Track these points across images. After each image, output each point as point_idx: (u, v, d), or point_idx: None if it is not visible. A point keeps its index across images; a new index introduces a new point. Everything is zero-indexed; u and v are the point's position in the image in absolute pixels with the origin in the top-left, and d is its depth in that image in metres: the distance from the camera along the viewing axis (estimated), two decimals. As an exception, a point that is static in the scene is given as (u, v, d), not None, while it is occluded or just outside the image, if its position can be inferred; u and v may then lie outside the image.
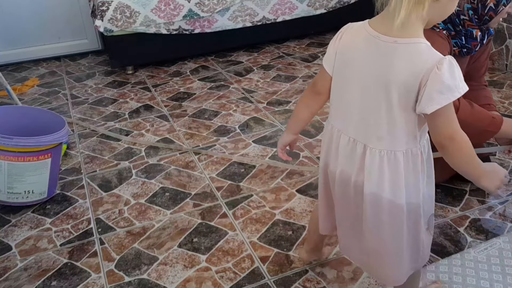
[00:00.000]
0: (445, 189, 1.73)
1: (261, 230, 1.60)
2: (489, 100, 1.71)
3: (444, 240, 1.50)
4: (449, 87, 0.85)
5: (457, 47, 1.50)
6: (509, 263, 1.35)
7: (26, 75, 3.28)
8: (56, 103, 2.77)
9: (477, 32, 1.48)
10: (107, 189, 1.89)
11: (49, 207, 1.80)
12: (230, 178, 1.90)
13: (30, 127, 1.84)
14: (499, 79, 2.67)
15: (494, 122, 1.48)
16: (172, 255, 1.51)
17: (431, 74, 0.84)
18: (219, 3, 3.09)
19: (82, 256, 1.53)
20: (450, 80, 0.84)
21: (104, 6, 2.90)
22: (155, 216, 1.71)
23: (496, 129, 1.48)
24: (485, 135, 1.51)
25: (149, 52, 3.15)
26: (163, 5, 2.99)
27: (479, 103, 1.67)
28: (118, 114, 2.57)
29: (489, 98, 1.71)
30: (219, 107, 2.55)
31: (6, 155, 1.67)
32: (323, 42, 3.53)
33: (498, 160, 1.89)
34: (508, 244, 1.42)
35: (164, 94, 2.79)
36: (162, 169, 2.00)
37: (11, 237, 1.64)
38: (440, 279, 1.31)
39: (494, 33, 2.78)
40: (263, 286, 1.37)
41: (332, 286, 1.35)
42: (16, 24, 3.41)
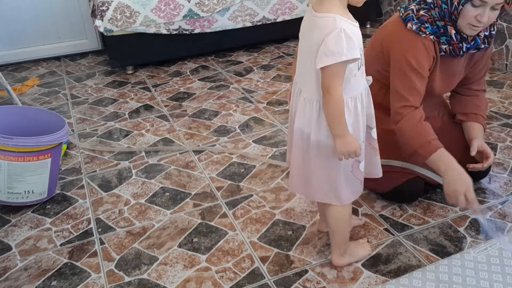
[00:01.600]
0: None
1: (261, 230, 1.60)
2: (478, 109, 1.64)
3: (444, 240, 1.50)
4: (332, 52, 1.08)
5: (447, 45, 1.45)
6: (509, 263, 1.35)
7: (26, 75, 3.28)
8: (56, 103, 2.77)
9: (451, 30, 1.42)
10: (107, 189, 1.89)
11: (49, 207, 1.80)
12: (230, 178, 1.90)
13: (30, 127, 1.84)
14: (499, 79, 2.67)
15: (427, 148, 1.42)
16: (172, 255, 1.51)
17: (323, 40, 1.10)
18: (219, 3, 3.09)
19: (82, 256, 1.53)
20: (333, 47, 1.08)
21: (104, 6, 2.90)
22: (155, 216, 1.71)
23: (426, 155, 1.42)
24: (415, 156, 1.47)
25: (149, 52, 3.15)
26: (163, 5, 2.99)
27: (465, 111, 1.65)
28: (118, 114, 2.57)
29: (478, 107, 1.65)
30: (219, 107, 2.55)
31: (6, 155, 1.67)
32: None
33: (499, 159, 1.89)
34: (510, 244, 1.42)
35: (164, 94, 2.79)
36: (162, 169, 2.00)
37: (11, 237, 1.64)
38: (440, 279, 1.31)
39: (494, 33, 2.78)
40: (263, 286, 1.37)
41: (332, 286, 1.35)
42: (16, 24, 3.41)
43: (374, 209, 1.66)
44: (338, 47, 1.08)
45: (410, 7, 1.48)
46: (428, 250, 1.47)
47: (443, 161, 1.42)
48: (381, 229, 1.57)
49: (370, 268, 1.41)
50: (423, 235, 1.53)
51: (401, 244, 1.50)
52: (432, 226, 1.57)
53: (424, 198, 1.69)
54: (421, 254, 1.45)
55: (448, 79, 1.57)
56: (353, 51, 1.09)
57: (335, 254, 1.40)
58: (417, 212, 1.63)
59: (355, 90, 1.20)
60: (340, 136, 1.17)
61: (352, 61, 1.11)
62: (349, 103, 1.19)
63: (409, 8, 1.48)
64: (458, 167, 1.40)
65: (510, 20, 2.67)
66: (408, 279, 1.32)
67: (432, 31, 1.43)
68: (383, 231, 1.56)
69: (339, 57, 1.08)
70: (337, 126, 1.17)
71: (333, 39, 1.08)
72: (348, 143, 1.18)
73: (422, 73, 1.45)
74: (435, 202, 1.67)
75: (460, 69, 1.56)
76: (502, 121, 2.20)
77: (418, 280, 1.31)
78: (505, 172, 1.81)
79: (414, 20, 1.44)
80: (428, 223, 1.58)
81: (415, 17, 1.44)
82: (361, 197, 1.72)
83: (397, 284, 1.31)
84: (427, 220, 1.59)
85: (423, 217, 1.61)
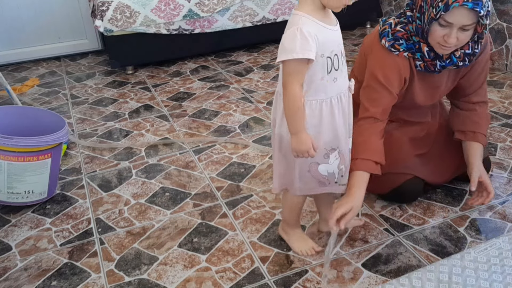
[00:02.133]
0: (445, 189, 1.73)
1: (261, 230, 1.60)
2: (477, 126, 1.57)
3: (444, 240, 1.50)
4: (285, 48, 1.12)
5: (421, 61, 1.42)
6: (509, 263, 1.35)
7: (26, 75, 3.28)
8: (56, 103, 2.77)
9: (424, 47, 1.38)
10: (107, 189, 1.89)
11: (49, 207, 1.80)
12: (230, 178, 1.90)
13: (30, 127, 1.84)
14: (499, 79, 2.67)
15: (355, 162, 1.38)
16: (172, 255, 1.51)
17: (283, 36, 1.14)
18: (219, 3, 3.09)
19: (82, 256, 1.53)
20: (287, 44, 1.12)
21: (104, 6, 2.90)
22: (155, 216, 1.71)
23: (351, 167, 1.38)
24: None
25: (149, 52, 3.15)
26: (163, 5, 2.99)
27: (463, 128, 1.58)
28: (118, 114, 2.57)
29: (476, 124, 1.57)
30: (219, 107, 2.55)
31: (6, 155, 1.67)
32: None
33: (499, 159, 1.89)
34: (508, 244, 1.42)
35: (164, 94, 2.79)
36: (162, 169, 2.00)
37: (11, 237, 1.64)
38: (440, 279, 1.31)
39: (494, 33, 2.78)
40: (263, 286, 1.37)
41: (332, 286, 1.35)
42: (16, 24, 3.41)
43: (374, 209, 1.66)
44: (291, 45, 1.11)
45: (388, 21, 1.44)
46: (428, 250, 1.47)
47: (353, 182, 1.37)
48: (381, 229, 1.57)
49: (370, 268, 1.41)
50: (423, 235, 1.53)
51: (401, 244, 1.50)
52: (432, 226, 1.57)
53: (424, 198, 1.69)
54: (421, 254, 1.45)
55: (431, 91, 1.53)
56: (306, 51, 1.11)
57: (281, 223, 1.54)
58: (417, 212, 1.63)
59: (323, 94, 1.21)
60: (294, 134, 1.20)
61: (308, 61, 1.13)
62: (313, 105, 1.21)
63: (388, 22, 1.44)
64: (359, 194, 1.35)
65: (510, 20, 2.68)
66: (408, 279, 1.32)
67: (407, 47, 1.40)
68: (383, 231, 1.56)
69: (290, 54, 1.11)
70: (292, 122, 1.19)
71: (288, 36, 1.13)
72: (300, 142, 1.19)
73: (389, 88, 1.41)
74: (435, 202, 1.67)
75: (443, 81, 1.51)
76: (502, 121, 2.20)
77: (418, 280, 1.31)
78: (505, 172, 1.81)
79: (389, 37, 1.41)
80: (428, 223, 1.58)
81: (391, 33, 1.41)
82: (361, 197, 1.72)
83: (397, 284, 1.31)
84: (427, 220, 1.59)
85: (423, 217, 1.61)
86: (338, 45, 1.21)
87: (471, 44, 1.38)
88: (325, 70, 1.19)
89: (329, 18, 1.19)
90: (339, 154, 1.30)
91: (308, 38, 1.11)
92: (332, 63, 1.19)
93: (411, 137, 1.64)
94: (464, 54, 1.40)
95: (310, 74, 1.18)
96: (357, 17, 3.75)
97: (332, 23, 1.20)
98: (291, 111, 1.18)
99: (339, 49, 1.22)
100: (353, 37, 3.65)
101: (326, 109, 1.23)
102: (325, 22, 1.17)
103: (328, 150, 1.28)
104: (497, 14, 2.74)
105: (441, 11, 1.25)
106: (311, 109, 1.22)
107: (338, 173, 1.33)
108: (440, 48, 1.34)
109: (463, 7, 1.22)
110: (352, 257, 1.45)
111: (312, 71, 1.18)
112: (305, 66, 1.15)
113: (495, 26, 2.77)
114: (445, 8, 1.24)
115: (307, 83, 1.19)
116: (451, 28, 1.27)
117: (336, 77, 1.22)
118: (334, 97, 1.23)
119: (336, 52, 1.20)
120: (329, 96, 1.22)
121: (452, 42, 1.29)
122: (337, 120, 1.25)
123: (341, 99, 1.25)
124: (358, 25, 3.88)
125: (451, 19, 1.25)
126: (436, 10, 1.26)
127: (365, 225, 1.58)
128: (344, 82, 1.26)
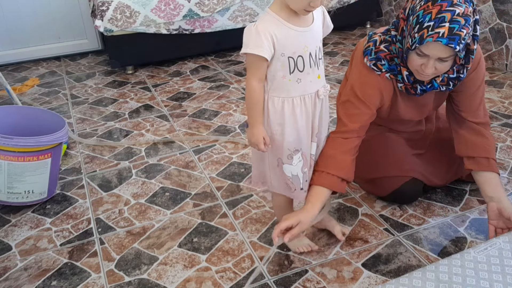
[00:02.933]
0: (445, 189, 1.73)
1: (261, 230, 1.60)
2: (487, 151, 1.46)
3: (444, 240, 1.50)
4: (243, 42, 1.17)
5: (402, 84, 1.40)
6: (509, 263, 1.35)
7: (26, 75, 3.28)
8: (56, 103, 2.77)
9: (403, 71, 1.35)
10: (107, 189, 1.89)
11: (49, 207, 1.80)
12: (230, 178, 1.90)
13: (30, 127, 1.84)
14: (499, 79, 2.67)
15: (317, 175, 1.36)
16: (172, 255, 1.51)
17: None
18: (219, 3, 3.09)
19: (82, 256, 1.53)
20: (244, 39, 1.16)
21: (104, 6, 2.90)
22: (155, 216, 1.71)
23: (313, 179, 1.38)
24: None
25: (149, 52, 3.15)
26: (163, 5, 2.99)
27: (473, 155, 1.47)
28: (118, 114, 2.57)
29: (486, 149, 1.46)
30: (219, 107, 2.55)
31: (6, 155, 1.67)
32: (323, 42, 3.53)
33: (499, 159, 1.89)
34: (508, 244, 1.42)
35: (164, 94, 2.79)
36: (162, 169, 2.00)
37: (11, 237, 1.64)
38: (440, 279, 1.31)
39: (495, 33, 2.78)
40: (263, 286, 1.37)
41: (332, 286, 1.35)
42: (16, 24, 3.41)
43: (374, 209, 1.66)
44: (246, 39, 1.16)
45: (374, 37, 1.41)
46: (428, 250, 1.47)
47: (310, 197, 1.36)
48: (381, 229, 1.57)
49: (370, 268, 1.41)
50: (423, 235, 1.53)
51: (401, 244, 1.50)
52: (432, 226, 1.57)
53: (424, 198, 1.69)
54: (421, 254, 1.45)
55: (418, 109, 1.51)
56: (257, 48, 1.14)
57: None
58: (417, 212, 1.63)
59: (285, 92, 1.22)
60: (250, 125, 1.24)
61: (261, 58, 1.15)
62: (275, 101, 1.23)
63: (373, 38, 1.41)
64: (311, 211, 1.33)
65: (510, 20, 2.68)
66: (408, 278, 1.32)
67: (389, 68, 1.37)
68: (383, 231, 1.56)
69: (244, 49, 1.16)
70: (249, 114, 1.24)
71: (246, 31, 1.17)
72: (252, 134, 1.24)
73: (369, 105, 1.39)
74: (435, 202, 1.67)
75: (429, 99, 1.49)
76: (502, 121, 2.20)
77: (418, 280, 1.31)
78: (505, 172, 1.81)
79: (371, 56, 1.38)
80: (428, 223, 1.58)
81: (374, 51, 1.38)
82: (361, 197, 1.72)
83: (397, 284, 1.31)
84: (427, 220, 1.59)
85: (423, 217, 1.61)
86: (305, 47, 1.19)
87: (456, 68, 1.34)
88: (287, 69, 1.19)
89: (300, 19, 1.18)
90: (302, 156, 1.30)
91: (262, 35, 1.13)
92: (295, 63, 1.19)
93: (407, 138, 1.63)
94: (448, 78, 1.36)
95: (272, 70, 1.20)
96: (357, 17, 3.75)
97: (303, 24, 1.18)
98: (248, 103, 1.23)
99: (307, 50, 1.20)
100: (353, 37, 3.65)
101: (288, 108, 1.23)
102: (292, 22, 1.16)
103: (291, 151, 1.28)
104: (497, 14, 2.74)
105: (416, 43, 1.22)
106: (273, 106, 1.23)
107: (302, 177, 1.32)
108: (419, 75, 1.31)
109: (437, 43, 1.19)
110: (352, 257, 1.45)
111: (273, 68, 1.19)
112: (262, 62, 1.17)
113: (495, 26, 2.77)
114: (420, 41, 1.21)
115: (270, 79, 1.21)
116: (428, 58, 1.24)
117: (300, 78, 1.21)
118: (297, 98, 1.23)
119: (300, 54, 1.19)
120: (291, 96, 1.22)
121: (429, 72, 1.26)
122: (299, 121, 1.25)
123: (304, 100, 1.24)
124: (358, 25, 3.88)
125: (427, 51, 1.22)
126: (412, 40, 1.23)
127: (365, 225, 1.59)
128: (312, 85, 1.24)
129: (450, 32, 1.17)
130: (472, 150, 1.48)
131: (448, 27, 1.17)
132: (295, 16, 1.17)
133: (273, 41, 1.15)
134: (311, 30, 1.21)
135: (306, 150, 1.30)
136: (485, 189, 1.47)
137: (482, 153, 1.47)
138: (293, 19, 1.17)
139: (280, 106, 1.23)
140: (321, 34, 1.27)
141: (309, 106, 1.25)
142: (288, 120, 1.24)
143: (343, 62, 3.12)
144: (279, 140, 1.27)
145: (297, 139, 1.27)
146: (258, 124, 1.23)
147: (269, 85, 1.22)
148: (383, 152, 1.61)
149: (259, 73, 1.19)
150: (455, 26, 1.18)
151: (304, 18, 1.19)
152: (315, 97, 1.26)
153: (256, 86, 1.20)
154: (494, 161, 1.48)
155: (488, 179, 1.46)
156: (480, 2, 2.83)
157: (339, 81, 2.79)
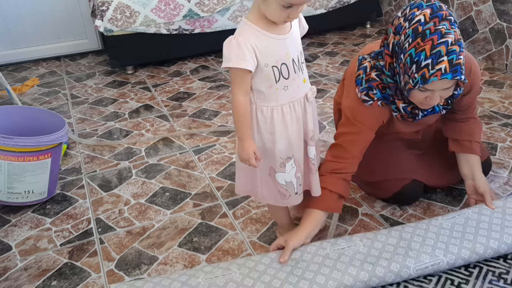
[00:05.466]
0: (445, 189, 1.73)
1: (261, 230, 1.60)
2: (472, 135, 1.53)
3: (444, 240, 1.50)
4: (224, 57, 1.14)
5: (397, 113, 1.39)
6: (470, 231, 1.35)
7: (26, 75, 3.28)
8: (56, 103, 2.77)
9: (399, 103, 1.34)
10: (107, 189, 1.89)
11: (49, 207, 1.80)
12: (230, 178, 1.90)
13: (30, 127, 1.84)
14: (499, 79, 2.67)
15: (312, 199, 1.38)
16: (172, 254, 1.51)
17: None
18: (219, 3, 3.09)
19: (82, 256, 1.53)
20: (224, 52, 1.14)
21: (104, 6, 2.90)
22: (155, 216, 1.71)
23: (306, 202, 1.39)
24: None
25: (149, 52, 3.15)
26: (163, 5, 3.00)
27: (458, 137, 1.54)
28: (118, 114, 2.57)
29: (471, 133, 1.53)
30: (219, 107, 2.55)
31: (6, 155, 1.67)
32: (323, 42, 3.54)
33: (499, 159, 1.89)
34: (476, 214, 1.43)
35: (164, 94, 2.79)
36: (162, 169, 2.00)
37: (11, 237, 1.65)
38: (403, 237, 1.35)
39: (495, 33, 2.78)
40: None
41: (332, 286, 1.35)
42: (16, 24, 3.41)
43: (374, 209, 1.66)
44: (227, 53, 1.13)
45: (364, 63, 1.37)
46: (428, 250, 1.47)
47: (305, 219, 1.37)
48: (381, 229, 1.56)
49: (370, 268, 1.41)
50: (423, 235, 1.53)
51: (401, 244, 1.49)
52: (432, 226, 1.57)
53: (424, 198, 1.69)
54: (421, 254, 1.45)
55: (415, 125, 1.51)
56: (240, 61, 1.11)
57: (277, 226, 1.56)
58: (417, 212, 1.63)
59: (273, 101, 1.20)
60: (239, 139, 1.20)
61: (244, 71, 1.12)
62: (264, 111, 1.21)
63: (363, 65, 1.37)
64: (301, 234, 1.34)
65: (510, 20, 2.68)
66: (374, 234, 1.38)
67: (382, 97, 1.35)
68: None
69: (226, 63, 1.13)
70: (237, 128, 1.20)
71: (225, 44, 1.14)
72: (242, 149, 1.20)
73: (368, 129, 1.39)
74: (435, 202, 1.67)
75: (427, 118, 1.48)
76: (502, 121, 2.20)
77: (382, 235, 1.36)
78: (505, 172, 1.81)
79: (362, 86, 1.35)
80: (428, 223, 1.58)
81: (364, 80, 1.35)
82: (361, 197, 1.72)
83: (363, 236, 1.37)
84: (427, 220, 1.59)
85: (423, 217, 1.61)
86: (287, 54, 1.18)
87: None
88: (273, 79, 1.17)
89: (279, 27, 1.15)
90: (295, 162, 1.28)
91: (243, 47, 1.11)
92: (280, 72, 1.17)
93: (405, 139, 1.63)
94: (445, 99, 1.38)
95: (257, 82, 1.17)
96: (357, 17, 3.75)
97: (282, 32, 1.16)
98: (236, 118, 1.19)
99: (289, 57, 1.18)
100: (353, 37, 3.65)
101: (277, 116, 1.21)
102: (271, 31, 1.14)
103: (283, 159, 1.26)
104: (497, 14, 2.74)
105: (420, 84, 1.19)
106: (263, 115, 1.21)
107: (296, 182, 1.31)
108: (423, 105, 1.29)
109: (442, 80, 1.17)
110: (352, 257, 1.45)
111: (258, 79, 1.17)
112: (246, 75, 1.14)
113: (495, 26, 2.77)
114: (423, 81, 1.18)
115: (256, 90, 1.18)
116: (432, 91, 1.22)
117: (287, 85, 1.19)
118: (286, 105, 1.21)
119: (284, 61, 1.17)
120: (280, 104, 1.20)
121: (436, 103, 1.25)
122: (289, 128, 1.23)
123: (294, 107, 1.22)
124: (358, 25, 3.89)
125: (431, 87, 1.20)
126: (413, 81, 1.20)
127: (365, 224, 1.59)
128: (299, 90, 1.22)
129: (450, 64, 1.15)
130: (458, 134, 1.55)
131: (448, 61, 1.15)
132: (274, 25, 1.14)
133: (255, 52, 1.12)
134: (291, 36, 1.19)
135: (298, 156, 1.28)
136: (463, 168, 1.55)
137: (466, 137, 1.53)
138: (272, 28, 1.14)
139: (270, 115, 1.21)
140: (300, 37, 1.24)
141: (299, 111, 1.24)
142: (278, 128, 1.22)
143: (343, 62, 3.12)
144: (270, 148, 1.24)
145: (289, 147, 1.25)
146: (248, 139, 1.19)
147: (255, 95, 1.19)
148: (382, 155, 1.61)
149: (244, 86, 1.16)
150: (453, 56, 1.16)
151: (282, 25, 1.16)
152: (304, 101, 1.24)
153: (242, 100, 1.16)
154: (477, 143, 1.54)
155: (467, 160, 1.54)
156: (480, 2, 2.83)
157: (339, 81, 2.79)
